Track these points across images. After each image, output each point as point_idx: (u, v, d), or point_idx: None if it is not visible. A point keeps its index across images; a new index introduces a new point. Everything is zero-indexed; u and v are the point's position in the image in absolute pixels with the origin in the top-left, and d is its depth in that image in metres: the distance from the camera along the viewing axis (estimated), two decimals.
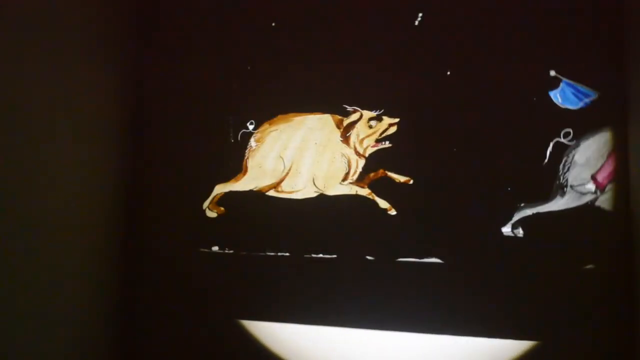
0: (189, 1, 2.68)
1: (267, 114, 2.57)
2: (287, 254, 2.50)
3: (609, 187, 2.22)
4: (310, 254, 2.48)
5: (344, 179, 2.47)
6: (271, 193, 2.55)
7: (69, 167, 2.22)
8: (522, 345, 2.27)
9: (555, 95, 2.29)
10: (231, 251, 2.56)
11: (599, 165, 2.24)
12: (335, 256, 2.45)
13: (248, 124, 2.58)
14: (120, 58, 2.60)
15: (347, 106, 2.48)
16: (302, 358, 2.46)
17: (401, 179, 2.40)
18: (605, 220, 2.21)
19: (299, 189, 2.51)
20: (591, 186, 2.23)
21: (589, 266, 2.21)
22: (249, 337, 2.52)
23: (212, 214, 2.59)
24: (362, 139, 2.45)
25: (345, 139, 2.47)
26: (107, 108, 2.52)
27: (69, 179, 2.23)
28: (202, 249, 2.58)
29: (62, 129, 2.18)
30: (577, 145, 2.25)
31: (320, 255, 2.47)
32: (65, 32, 2.19)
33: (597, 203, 2.22)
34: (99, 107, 2.45)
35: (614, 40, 2.26)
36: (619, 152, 2.22)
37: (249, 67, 2.60)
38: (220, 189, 2.59)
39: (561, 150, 2.26)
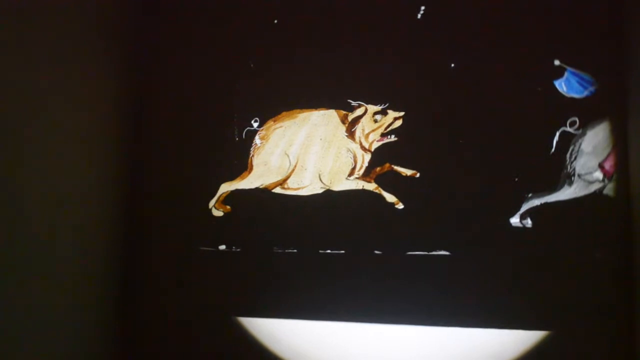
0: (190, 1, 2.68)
1: (271, 111, 2.57)
2: (295, 250, 2.49)
3: (616, 174, 2.22)
4: (318, 250, 2.47)
5: (350, 174, 2.47)
6: (277, 190, 2.54)
7: (70, 166, 2.21)
8: (532, 336, 2.26)
9: (560, 84, 2.29)
10: (238, 249, 2.55)
11: (606, 154, 2.23)
12: (343, 251, 2.45)
13: (252, 122, 2.57)
14: (123, 55, 2.59)
15: (351, 101, 2.47)
16: (313, 353, 2.45)
17: (407, 172, 2.40)
18: (613, 208, 2.21)
19: (305, 185, 2.51)
20: (599, 174, 2.23)
21: (598, 255, 2.21)
22: (257, 334, 2.51)
23: (218, 213, 2.58)
24: (368, 134, 2.44)
25: (351, 134, 2.47)
26: (111, 106, 2.52)
27: (72, 178, 2.21)
28: (209, 248, 2.57)
29: (64, 126, 2.17)
30: (583, 134, 2.25)
31: (329, 251, 2.46)
32: (66, 29, 2.18)
33: (605, 191, 2.22)
34: (101, 106, 2.44)
35: (616, 28, 2.26)
36: (621, 141, 2.22)
37: (251, 65, 2.60)
38: (226, 187, 2.58)
39: (568, 140, 2.26)
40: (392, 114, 2.42)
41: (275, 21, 2.58)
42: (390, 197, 2.41)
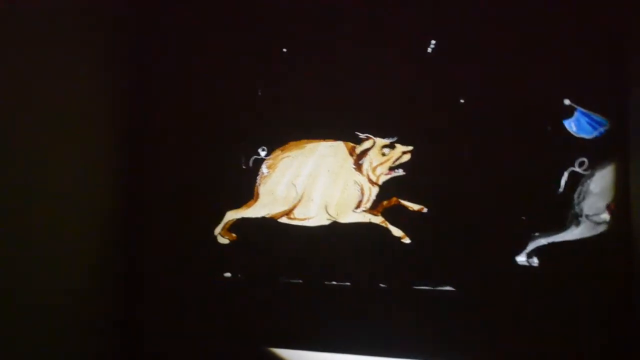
0: (197, 27, 2.66)
1: (279, 140, 2.56)
2: (300, 281, 2.49)
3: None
4: (324, 282, 2.47)
5: (357, 206, 2.46)
6: (283, 220, 2.53)
7: (69, 196, 2.19)
8: None
9: (570, 124, 2.28)
10: (243, 278, 2.55)
11: (613, 195, 2.23)
12: (348, 284, 2.45)
13: (260, 150, 2.57)
14: (130, 79, 2.59)
15: (359, 133, 2.47)
16: None
17: (415, 207, 2.40)
18: (620, 250, 2.21)
19: (312, 216, 2.50)
20: (606, 216, 2.23)
21: (603, 296, 2.21)
22: None
23: (223, 241, 2.57)
24: (375, 167, 2.44)
25: (358, 166, 2.46)
26: (117, 134, 2.52)
27: (69, 213, 2.19)
28: (213, 276, 2.57)
29: (61, 161, 2.15)
30: (592, 175, 2.25)
31: (334, 282, 2.46)
32: (66, 47, 2.16)
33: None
34: (106, 136, 2.44)
35: (625, 68, 2.25)
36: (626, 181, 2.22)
37: (259, 93, 2.59)
38: (231, 215, 2.57)
39: (576, 180, 2.26)
40: (400, 148, 2.42)
41: (285, 50, 2.57)
42: (396, 231, 2.41)
